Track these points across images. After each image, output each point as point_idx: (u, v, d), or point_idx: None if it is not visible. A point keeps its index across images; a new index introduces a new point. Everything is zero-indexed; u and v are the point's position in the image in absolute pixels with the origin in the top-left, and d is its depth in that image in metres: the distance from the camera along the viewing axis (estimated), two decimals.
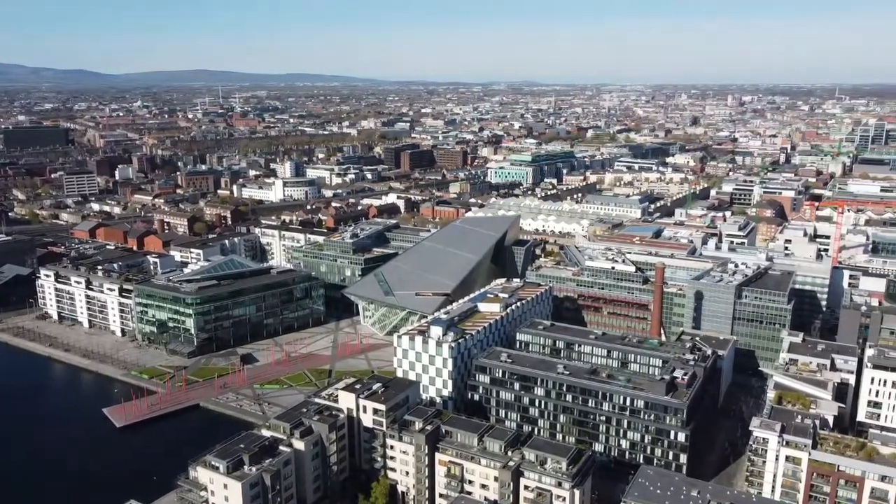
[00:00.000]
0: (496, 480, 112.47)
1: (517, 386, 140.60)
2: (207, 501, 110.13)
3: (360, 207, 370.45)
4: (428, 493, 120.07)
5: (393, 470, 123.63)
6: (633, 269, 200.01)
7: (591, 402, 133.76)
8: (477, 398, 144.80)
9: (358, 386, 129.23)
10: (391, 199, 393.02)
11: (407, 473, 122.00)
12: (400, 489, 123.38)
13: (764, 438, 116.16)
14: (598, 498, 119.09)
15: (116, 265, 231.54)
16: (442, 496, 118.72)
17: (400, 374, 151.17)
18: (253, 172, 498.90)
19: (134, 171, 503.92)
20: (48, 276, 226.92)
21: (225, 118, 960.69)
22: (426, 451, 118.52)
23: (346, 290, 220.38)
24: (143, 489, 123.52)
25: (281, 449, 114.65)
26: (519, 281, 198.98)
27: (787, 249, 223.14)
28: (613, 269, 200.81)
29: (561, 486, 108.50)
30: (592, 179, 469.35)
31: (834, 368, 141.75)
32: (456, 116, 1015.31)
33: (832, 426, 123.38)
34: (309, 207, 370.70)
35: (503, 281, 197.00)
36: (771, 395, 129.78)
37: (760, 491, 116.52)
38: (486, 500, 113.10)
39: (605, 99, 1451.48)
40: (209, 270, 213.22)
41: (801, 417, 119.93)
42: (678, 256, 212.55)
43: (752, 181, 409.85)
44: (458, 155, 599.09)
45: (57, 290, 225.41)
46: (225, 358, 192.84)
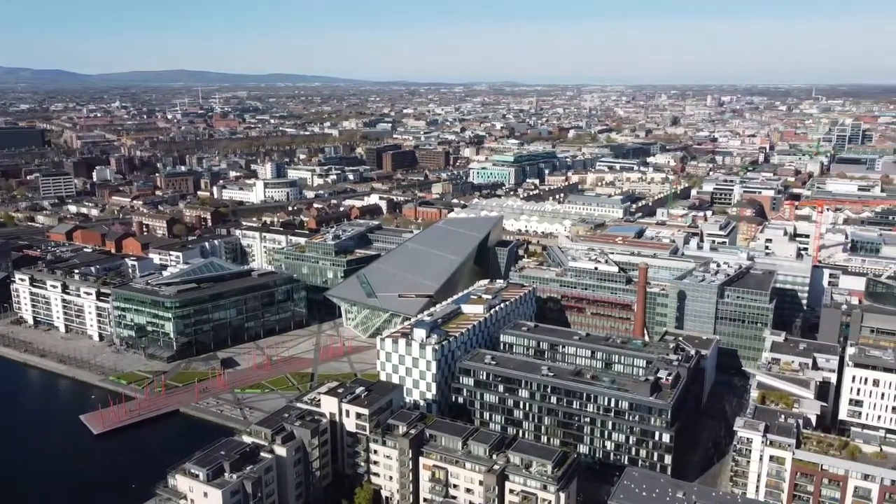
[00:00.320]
0: (481, 484, 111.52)
1: (501, 388, 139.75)
2: None
3: (342, 208, 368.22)
4: (412, 497, 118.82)
5: (376, 475, 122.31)
6: (615, 269, 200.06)
7: (575, 403, 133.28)
8: (461, 401, 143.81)
9: (341, 390, 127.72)
10: (373, 200, 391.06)
11: (391, 478, 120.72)
12: (384, 494, 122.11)
13: (748, 438, 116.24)
14: (583, 500, 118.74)
15: (94, 268, 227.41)
16: (426, 501, 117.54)
17: (383, 377, 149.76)
18: (233, 173, 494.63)
19: (112, 172, 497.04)
20: (23, 279, 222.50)
21: (205, 119, 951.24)
22: (410, 455, 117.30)
23: (328, 292, 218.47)
24: (120, 498, 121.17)
25: (262, 455, 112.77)
26: (502, 282, 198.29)
27: (767, 249, 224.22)
28: (596, 269, 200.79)
29: (546, 489, 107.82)
30: (574, 179, 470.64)
31: (816, 367, 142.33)
32: (438, 117, 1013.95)
33: (814, 425, 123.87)
34: (290, 209, 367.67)
35: (487, 282, 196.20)
36: (754, 394, 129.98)
37: (745, 491, 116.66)
38: None
39: (585, 99, 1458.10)
40: (189, 273, 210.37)
41: (784, 417, 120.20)
42: (661, 256, 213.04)
43: (732, 181, 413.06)
44: (440, 155, 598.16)
45: (32, 294, 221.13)
46: (205, 362, 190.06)
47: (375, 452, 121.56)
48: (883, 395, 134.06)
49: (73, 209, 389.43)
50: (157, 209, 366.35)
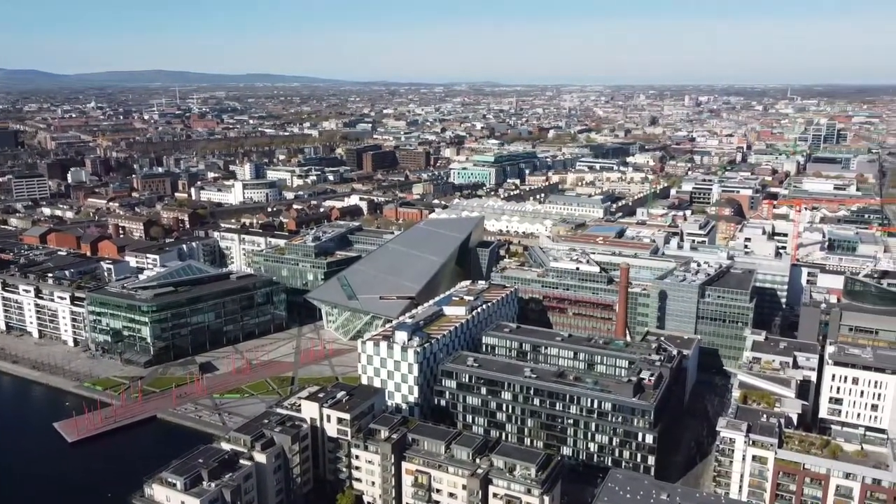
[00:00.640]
0: (464, 489, 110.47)
1: (484, 390, 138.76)
2: None
3: (321, 210, 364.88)
4: (395, 503, 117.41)
5: (358, 480, 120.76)
6: (597, 269, 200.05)
7: (558, 405, 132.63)
8: (444, 404, 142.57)
9: (321, 395, 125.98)
10: (353, 200, 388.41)
11: (373, 484, 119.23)
12: (366, 500, 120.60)
13: (731, 439, 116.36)
14: (567, 502, 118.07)
15: (68, 272, 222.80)
16: None
17: (364, 380, 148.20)
18: (211, 175, 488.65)
19: (87, 173, 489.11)
20: None
21: (182, 119, 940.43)
22: (392, 460, 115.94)
23: (308, 294, 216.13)
24: None
25: (241, 463, 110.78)
26: (484, 283, 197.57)
27: (746, 248, 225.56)
28: (578, 269, 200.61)
29: (530, 492, 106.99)
30: (555, 179, 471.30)
31: (796, 366, 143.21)
32: (418, 117, 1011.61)
33: (795, 424, 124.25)
34: (269, 210, 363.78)
35: (468, 283, 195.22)
36: (736, 394, 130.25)
37: (728, 491, 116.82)
38: None
39: (565, 99, 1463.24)
40: (166, 276, 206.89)
41: (766, 416, 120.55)
42: (641, 256, 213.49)
43: (710, 180, 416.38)
44: (420, 156, 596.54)
45: (4, 298, 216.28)
46: (183, 367, 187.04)
47: (357, 458, 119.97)
48: (862, 393, 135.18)
49: (47, 211, 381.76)
50: (133, 211, 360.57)
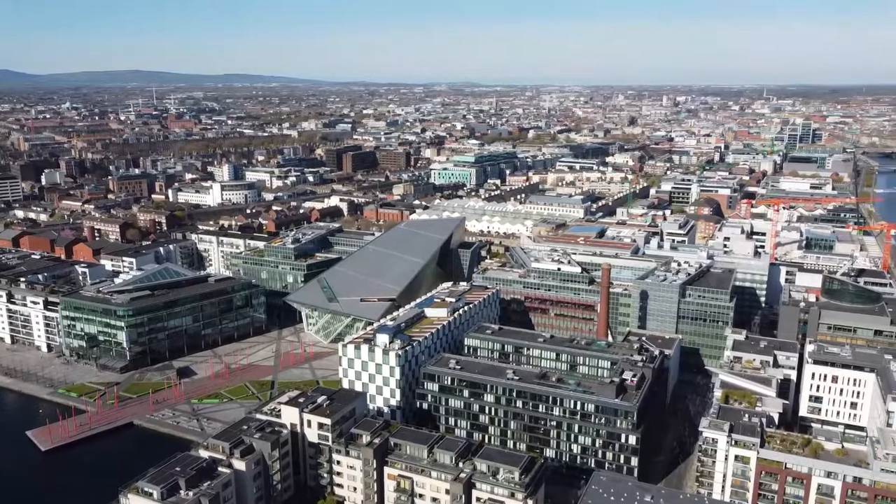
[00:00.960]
0: (447, 493, 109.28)
1: (466, 393, 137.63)
2: None
3: (301, 211, 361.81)
4: None
5: (340, 486, 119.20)
6: (578, 269, 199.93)
7: (541, 407, 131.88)
8: (426, 407, 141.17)
9: (302, 399, 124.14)
10: (334, 201, 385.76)
11: (355, 489, 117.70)
12: None
13: (713, 439, 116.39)
14: None
15: (41, 276, 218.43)
16: None
17: (346, 384, 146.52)
18: (189, 176, 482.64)
19: (62, 175, 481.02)
20: None
21: (159, 120, 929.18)
22: (374, 465, 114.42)
23: (288, 297, 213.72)
24: None
25: (220, 470, 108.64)
26: (466, 284, 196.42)
27: (726, 247, 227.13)
28: (559, 270, 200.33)
29: (514, 496, 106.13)
30: (535, 180, 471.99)
31: (776, 365, 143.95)
32: (398, 117, 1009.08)
33: (777, 423, 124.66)
34: (248, 212, 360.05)
35: (450, 284, 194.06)
36: (718, 393, 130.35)
37: (711, 491, 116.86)
38: None
39: (544, 100, 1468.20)
40: (142, 280, 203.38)
41: (748, 416, 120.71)
42: (622, 256, 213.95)
43: (689, 180, 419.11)
44: (400, 156, 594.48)
45: None
46: (160, 372, 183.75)
47: (339, 463, 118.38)
48: (841, 391, 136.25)
49: (20, 214, 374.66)
50: (109, 213, 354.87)
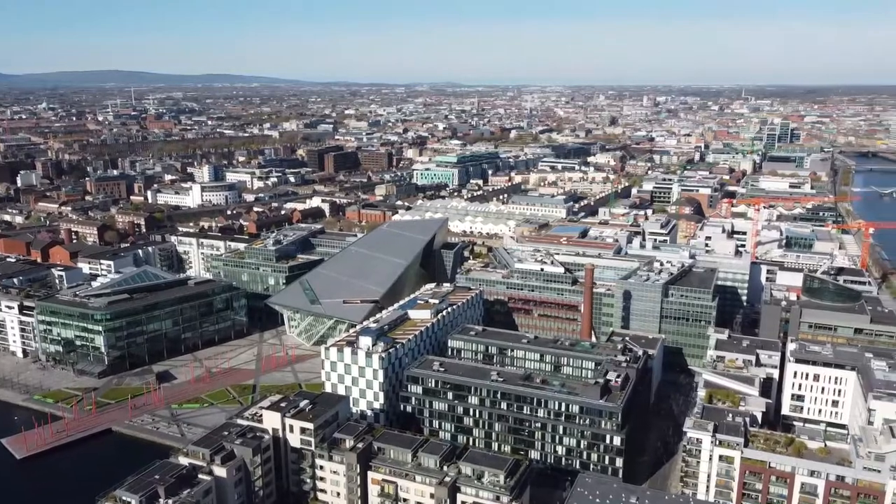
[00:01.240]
0: (432, 497, 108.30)
1: (451, 395, 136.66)
2: None
3: (283, 212, 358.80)
4: None
5: (323, 492, 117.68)
6: (561, 270, 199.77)
7: (526, 408, 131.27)
8: (410, 410, 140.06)
9: (284, 404, 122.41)
10: (315, 202, 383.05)
11: (338, 495, 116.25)
12: None
13: (697, 439, 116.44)
14: None
15: (16, 279, 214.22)
16: None
17: (328, 387, 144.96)
18: (168, 177, 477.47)
19: (38, 177, 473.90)
20: None
21: (138, 120, 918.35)
22: (358, 469, 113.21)
23: (269, 299, 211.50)
24: None
25: (200, 477, 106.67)
26: (449, 285, 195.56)
27: (707, 246, 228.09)
28: (542, 270, 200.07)
29: (499, 499, 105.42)
30: (517, 180, 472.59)
31: (759, 364, 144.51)
32: (380, 118, 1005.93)
33: (760, 422, 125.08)
34: (229, 213, 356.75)
35: (433, 286, 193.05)
36: (701, 393, 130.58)
37: (695, 491, 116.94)
38: None
39: (526, 100, 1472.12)
40: (120, 283, 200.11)
41: (731, 416, 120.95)
42: (605, 256, 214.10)
43: (670, 179, 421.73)
44: (382, 157, 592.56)
45: None
46: (139, 377, 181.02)
47: (322, 468, 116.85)
48: (823, 389, 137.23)
49: None
50: (87, 215, 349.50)
